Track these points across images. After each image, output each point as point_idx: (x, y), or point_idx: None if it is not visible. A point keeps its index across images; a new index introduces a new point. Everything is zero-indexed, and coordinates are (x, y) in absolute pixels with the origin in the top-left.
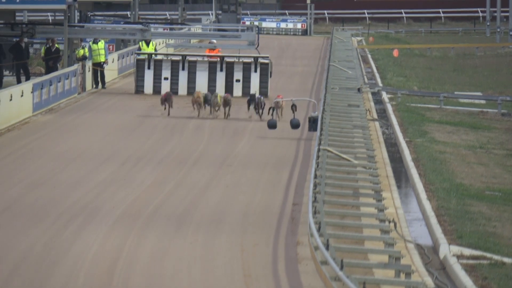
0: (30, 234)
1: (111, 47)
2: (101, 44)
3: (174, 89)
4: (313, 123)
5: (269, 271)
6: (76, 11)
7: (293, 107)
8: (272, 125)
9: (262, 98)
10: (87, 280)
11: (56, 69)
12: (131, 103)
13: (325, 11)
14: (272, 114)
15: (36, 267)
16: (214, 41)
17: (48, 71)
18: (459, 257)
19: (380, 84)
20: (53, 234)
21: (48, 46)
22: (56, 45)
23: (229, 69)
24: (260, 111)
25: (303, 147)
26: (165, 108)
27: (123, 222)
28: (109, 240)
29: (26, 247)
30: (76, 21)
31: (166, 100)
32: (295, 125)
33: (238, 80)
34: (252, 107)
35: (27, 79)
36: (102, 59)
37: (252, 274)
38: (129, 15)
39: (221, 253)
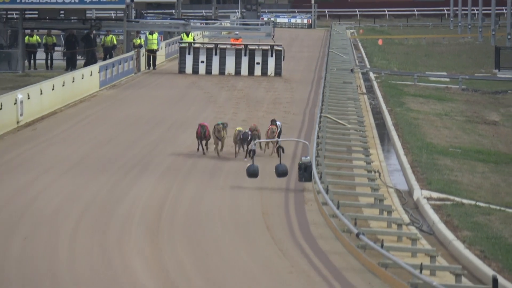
0: (98, 181)
1: (160, 37)
2: (155, 35)
3: (208, 70)
4: (304, 171)
5: (282, 210)
6: (133, 9)
7: (280, 150)
8: (252, 173)
9: (250, 133)
10: (142, 217)
11: (111, 56)
12: (175, 81)
13: (326, 10)
14: (252, 156)
15: (102, 207)
16: (237, 32)
17: (104, 58)
18: (429, 199)
19: (368, 66)
20: (115, 181)
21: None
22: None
23: (251, 54)
24: (247, 149)
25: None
26: (198, 149)
27: (169, 173)
28: (158, 186)
29: (95, 191)
30: (133, 17)
31: (202, 138)
32: (281, 173)
33: (258, 63)
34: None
35: (95, 62)
36: (155, 46)
37: (268, 212)
38: (174, 13)
39: (244, 197)
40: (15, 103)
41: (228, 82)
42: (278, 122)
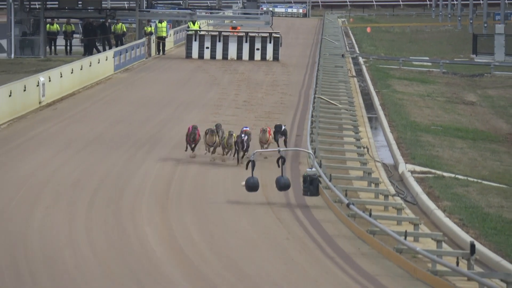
0: (112, 157)
1: (169, 25)
2: (164, 23)
3: (212, 55)
4: (310, 184)
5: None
6: (144, 0)
7: (280, 160)
8: (251, 187)
9: (246, 137)
10: (152, 189)
11: (122, 43)
12: (182, 65)
13: (319, 0)
14: (252, 167)
15: (116, 180)
16: (234, 21)
17: (116, 45)
18: (413, 172)
19: (358, 51)
20: (128, 157)
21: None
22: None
23: (252, 41)
24: (242, 153)
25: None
26: (186, 149)
27: (177, 148)
28: (167, 162)
29: (110, 166)
30: (144, 7)
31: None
32: (283, 186)
33: (258, 49)
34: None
35: (110, 48)
36: (164, 34)
37: (267, 184)
38: (181, 3)
39: (246, 171)
40: (37, 85)
41: (230, 66)
42: (283, 126)
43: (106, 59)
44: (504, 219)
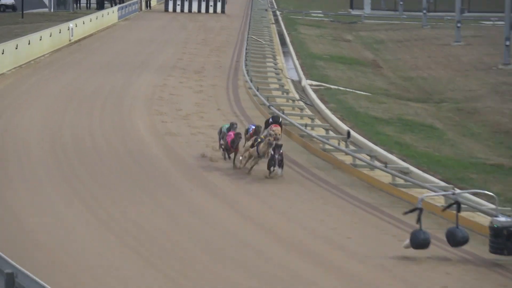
0: (116, 76)
1: None
2: None
3: (182, 9)
4: (507, 240)
5: (225, 92)
6: None
7: (455, 206)
8: (420, 244)
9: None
10: (142, 97)
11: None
12: (162, 16)
13: None
14: (418, 221)
15: (119, 91)
16: None
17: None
18: (311, 85)
19: (276, 7)
20: (127, 76)
21: None
22: None
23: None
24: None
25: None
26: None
27: (160, 70)
28: (153, 78)
29: (115, 81)
30: None
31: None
32: (461, 241)
33: (211, 5)
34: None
35: (115, 5)
36: None
37: (217, 95)
38: None
39: (204, 85)
40: (68, 29)
41: (193, 17)
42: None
43: (113, 12)
44: (370, 115)
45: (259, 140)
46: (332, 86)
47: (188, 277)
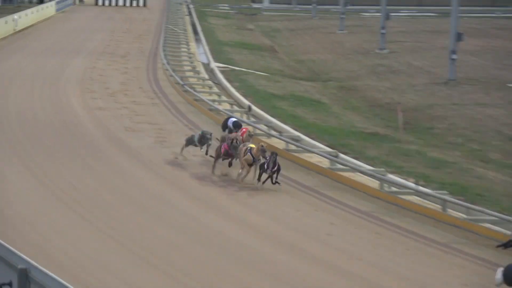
0: (54, 59)
1: None
2: None
3: (110, 3)
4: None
5: (146, 73)
6: None
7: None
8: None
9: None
10: (75, 77)
11: None
12: (93, 9)
13: None
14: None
15: (56, 72)
16: None
17: None
18: (218, 67)
19: (189, 1)
20: (62, 60)
21: None
22: None
23: None
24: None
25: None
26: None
27: (90, 55)
28: (84, 62)
29: (53, 64)
30: None
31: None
32: None
33: (134, 0)
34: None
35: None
36: None
37: (140, 76)
38: None
39: (129, 68)
40: (13, 20)
41: (119, 10)
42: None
43: (51, 6)
44: (267, 92)
45: (249, 147)
46: (236, 68)
47: (115, 228)
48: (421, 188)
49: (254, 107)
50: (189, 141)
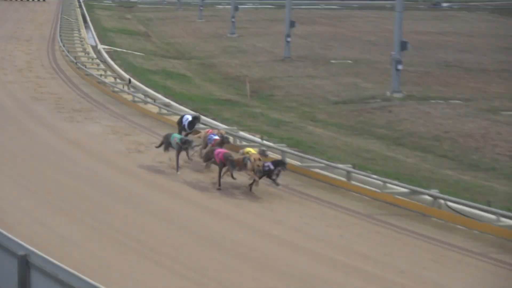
0: None
1: None
2: None
3: None
4: None
5: (46, 54)
6: None
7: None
8: None
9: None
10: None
11: None
12: (2, 3)
13: None
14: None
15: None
16: None
17: None
18: (104, 48)
19: None
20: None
21: None
22: None
23: None
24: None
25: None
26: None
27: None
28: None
29: None
30: None
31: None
32: None
33: None
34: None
35: None
36: None
37: (41, 56)
38: None
39: (32, 49)
40: None
41: (24, 4)
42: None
43: None
44: (143, 68)
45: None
46: (118, 49)
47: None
48: (265, 142)
49: (133, 80)
50: (171, 146)
